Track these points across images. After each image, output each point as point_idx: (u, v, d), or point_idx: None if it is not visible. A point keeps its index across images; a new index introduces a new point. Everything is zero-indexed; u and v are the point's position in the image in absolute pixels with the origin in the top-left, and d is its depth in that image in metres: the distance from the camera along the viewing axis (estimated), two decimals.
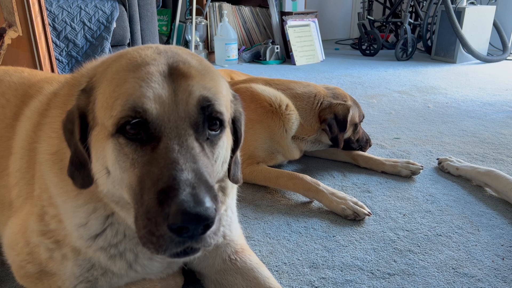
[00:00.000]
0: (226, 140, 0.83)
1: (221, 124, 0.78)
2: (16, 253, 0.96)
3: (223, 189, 0.95)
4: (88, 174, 0.79)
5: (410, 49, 4.58)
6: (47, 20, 2.14)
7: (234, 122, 0.90)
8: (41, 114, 0.98)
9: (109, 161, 0.74)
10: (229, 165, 0.90)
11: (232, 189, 1.03)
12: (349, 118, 1.79)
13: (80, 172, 0.80)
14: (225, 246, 1.04)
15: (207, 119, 0.74)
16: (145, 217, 0.66)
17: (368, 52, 4.93)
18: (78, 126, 0.78)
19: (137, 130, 0.71)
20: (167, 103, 0.71)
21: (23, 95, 1.11)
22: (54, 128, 0.90)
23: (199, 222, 0.63)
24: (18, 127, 1.05)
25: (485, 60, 4.39)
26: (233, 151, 0.90)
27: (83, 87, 0.81)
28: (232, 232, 1.07)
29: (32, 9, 2.04)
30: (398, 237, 1.36)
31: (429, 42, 4.89)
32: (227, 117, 0.81)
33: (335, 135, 1.78)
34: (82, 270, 0.90)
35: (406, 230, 1.40)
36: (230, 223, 1.06)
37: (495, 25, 4.56)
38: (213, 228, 0.67)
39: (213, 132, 0.76)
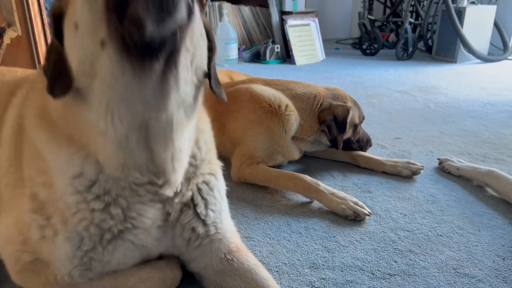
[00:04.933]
0: (203, 28, 0.82)
1: None
2: (11, 244, 0.96)
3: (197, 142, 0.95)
4: (67, 74, 0.77)
5: (410, 49, 4.57)
6: (46, 20, 2.13)
7: (207, 32, 0.89)
8: (26, 96, 0.99)
9: (77, 12, 0.72)
10: (209, 75, 0.90)
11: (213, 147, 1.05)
12: (348, 120, 1.78)
13: (59, 80, 0.78)
14: (218, 242, 1.03)
15: None
16: None
17: (368, 51, 4.92)
18: (53, 25, 0.78)
19: None
20: None
21: (15, 89, 1.13)
22: (37, 90, 0.90)
23: None
24: (5, 117, 1.06)
25: (486, 60, 4.39)
26: (210, 58, 0.90)
27: None
28: (223, 224, 1.06)
29: (31, 8, 2.04)
30: (398, 238, 1.35)
31: (429, 41, 4.88)
32: None
33: (334, 137, 1.77)
34: (73, 246, 0.89)
35: (407, 231, 1.39)
36: (220, 211, 1.05)
37: (496, 24, 4.56)
38: None
39: None
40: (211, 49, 0.90)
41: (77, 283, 0.95)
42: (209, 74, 0.89)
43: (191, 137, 0.91)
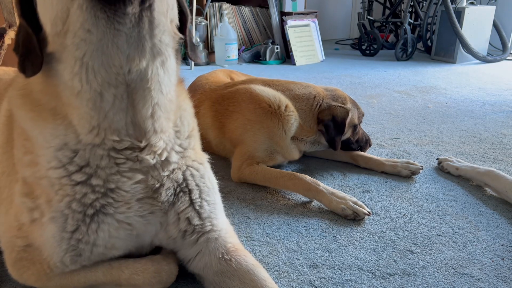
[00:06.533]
0: None
1: None
2: (8, 231, 0.97)
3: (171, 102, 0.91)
4: (36, 51, 0.79)
5: (410, 49, 4.57)
6: None
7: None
8: (12, 82, 1.00)
9: None
10: (185, 40, 0.91)
11: (189, 113, 1.03)
12: (347, 121, 1.78)
13: (29, 57, 0.79)
14: (215, 242, 1.04)
15: None
16: None
17: (368, 52, 4.93)
18: (19, 4, 0.79)
19: None
20: None
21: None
22: (19, 76, 0.92)
23: None
24: (1, 107, 1.08)
25: (485, 60, 4.39)
26: (184, 24, 0.91)
27: None
28: (219, 221, 1.06)
29: None
30: (398, 237, 1.36)
31: (429, 42, 4.89)
32: None
33: (331, 137, 1.78)
34: (58, 227, 0.90)
35: (406, 230, 1.40)
36: (214, 204, 1.05)
37: (495, 25, 4.56)
38: None
39: None
40: (184, 15, 0.91)
41: (71, 273, 0.95)
42: (185, 40, 0.90)
43: (171, 99, 0.90)
